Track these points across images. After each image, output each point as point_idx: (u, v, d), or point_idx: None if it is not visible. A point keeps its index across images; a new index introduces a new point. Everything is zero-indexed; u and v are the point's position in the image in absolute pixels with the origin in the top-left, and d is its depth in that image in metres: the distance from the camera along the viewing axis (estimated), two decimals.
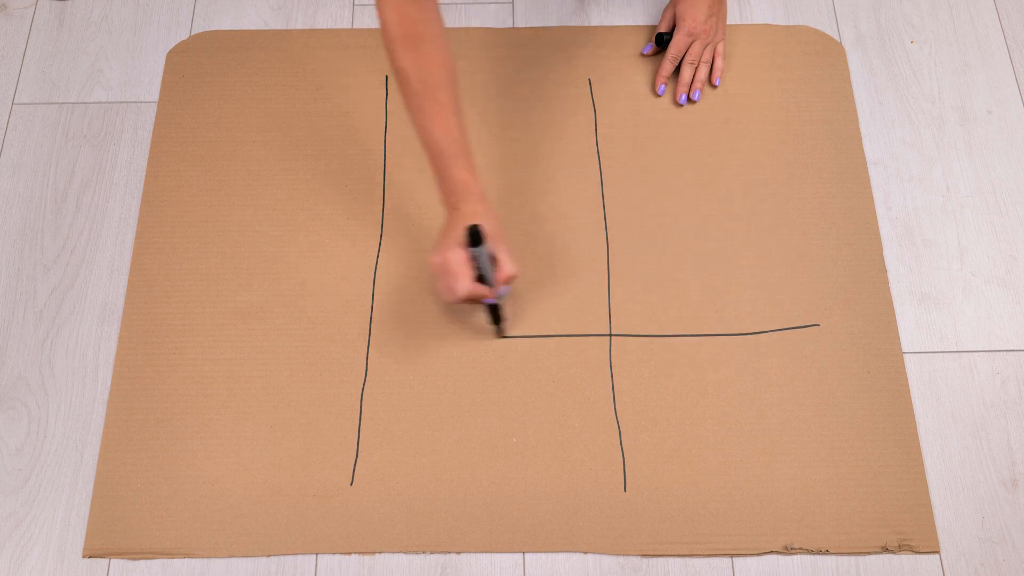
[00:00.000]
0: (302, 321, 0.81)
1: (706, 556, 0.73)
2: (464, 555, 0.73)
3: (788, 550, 0.72)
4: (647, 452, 0.76)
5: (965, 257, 0.84)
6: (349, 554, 0.73)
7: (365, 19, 0.97)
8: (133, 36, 0.96)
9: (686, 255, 0.84)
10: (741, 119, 0.90)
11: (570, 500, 0.74)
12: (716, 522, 0.73)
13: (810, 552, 0.72)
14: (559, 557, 0.73)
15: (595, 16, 0.97)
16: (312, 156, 0.89)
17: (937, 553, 0.73)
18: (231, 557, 0.73)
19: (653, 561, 0.73)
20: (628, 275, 0.83)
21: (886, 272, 0.83)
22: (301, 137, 0.90)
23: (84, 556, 0.73)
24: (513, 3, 0.98)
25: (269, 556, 0.73)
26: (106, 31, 0.97)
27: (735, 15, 0.97)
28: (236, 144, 0.89)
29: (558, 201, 0.86)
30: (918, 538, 0.73)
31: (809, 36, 0.95)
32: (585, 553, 0.73)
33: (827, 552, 0.72)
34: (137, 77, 0.94)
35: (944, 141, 0.90)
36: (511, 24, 0.96)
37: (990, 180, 0.88)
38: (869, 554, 0.73)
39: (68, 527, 0.74)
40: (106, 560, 0.73)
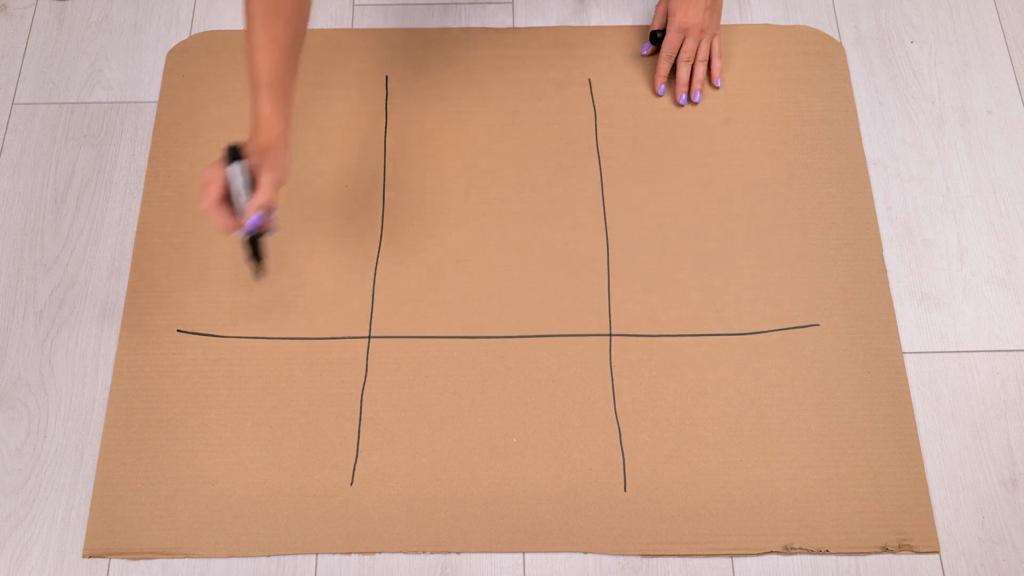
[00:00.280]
0: (302, 321, 0.81)
1: (706, 556, 0.73)
2: (464, 555, 0.73)
3: (788, 550, 0.72)
4: (647, 452, 0.76)
5: (965, 257, 0.84)
6: (349, 554, 0.73)
7: (365, 19, 0.97)
8: (133, 36, 0.96)
9: (686, 255, 0.84)
10: (741, 119, 0.90)
11: (570, 500, 0.74)
12: (716, 522, 0.73)
13: (810, 552, 0.72)
14: (559, 557, 0.73)
15: (595, 16, 0.97)
16: (312, 156, 0.89)
17: (937, 553, 0.73)
18: (231, 557, 0.73)
19: (653, 561, 0.73)
20: (628, 275, 0.83)
21: (886, 272, 0.83)
22: (301, 137, 0.90)
23: (84, 556, 0.73)
24: (513, 3, 0.98)
25: (269, 556, 0.73)
26: (106, 31, 0.97)
27: (735, 15, 0.97)
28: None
29: (558, 201, 0.86)
30: (918, 538, 0.73)
31: (809, 36, 0.95)
32: (585, 553, 0.73)
33: (827, 552, 0.72)
34: (137, 77, 0.94)
35: (944, 141, 0.90)
36: (511, 24, 0.96)
37: (990, 180, 0.88)
38: (869, 554, 0.73)
39: (68, 527, 0.74)
40: (106, 560, 0.73)
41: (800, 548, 0.72)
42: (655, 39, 0.92)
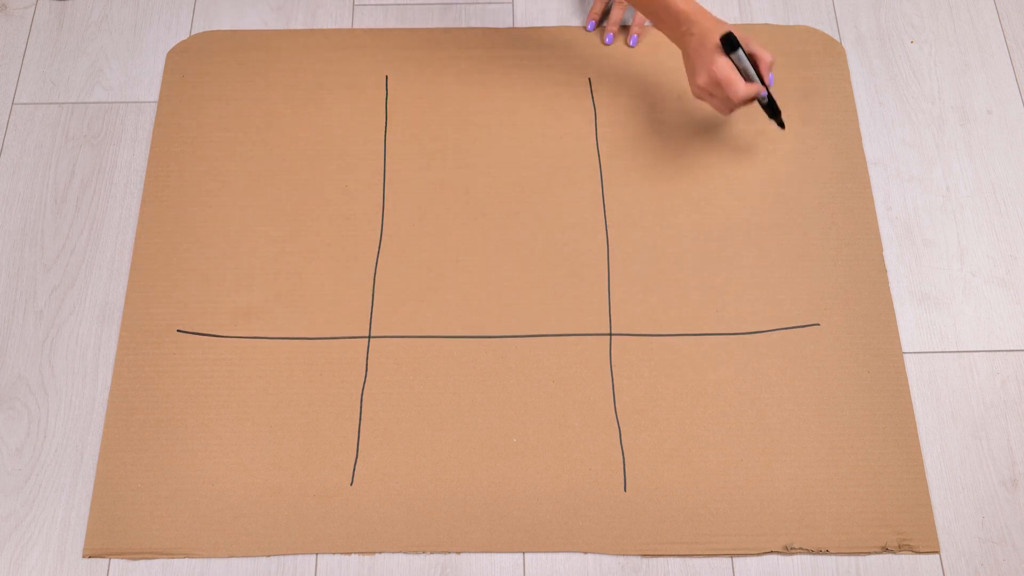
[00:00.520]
0: (302, 321, 0.81)
1: (706, 556, 0.73)
2: (464, 555, 0.73)
3: (788, 550, 0.72)
4: (647, 452, 0.76)
5: (965, 257, 0.84)
6: (349, 554, 0.73)
7: (365, 19, 0.97)
8: (133, 36, 0.96)
9: (686, 255, 0.84)
10: (741, 119, 0.90)
11: (570, 500, 0.74)
12: (716, 522, 0.73)
13: (810, 552, 0.72)
14: (559, 557, 0.73)
15: None
16: (312, 156, 0.89)
17: (937, 553, 0.73)
18: (231, 557, 0.73)
19: (653, 561, 0.73)
20: (628, 275, 0.83)
21: (886, 272, 0.83)
22: (301, 137, 0.90)
23: (84, 556, 0.73)
24: (513, 3, 0.98)
25: (269, 556, 0.73)
26: (106, 31, 0.97)
27: (735, 15, 0.97)
28: (236, 144, 0.89)
29: (558, 201, 0.86)
30: (918, 538, 0.73)
31: (809, 36, 0.95)
32: (585, 553, 0.73)
33: (827, 552, 0.72)
34: (137, 77, 0.94)
35: (944, 141, 0.90)
36: (511, 24, 0.96)
37: (990, 180, 0.88)
38: (869, 554, 0.73)
39: (68, 527, 0.74)
40: (106, 560, 0.73)
41: (800, 548, 0.72)
42: None
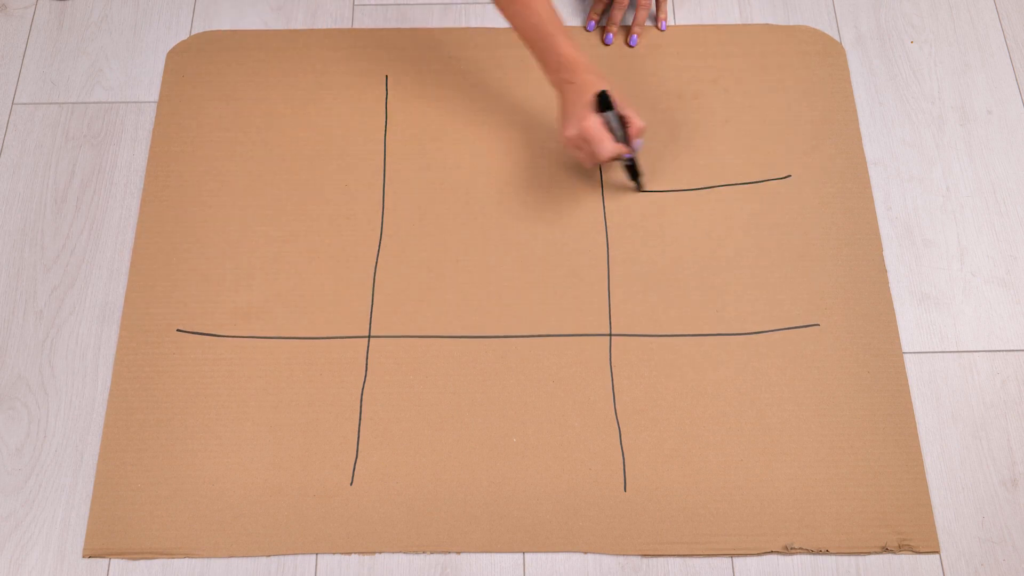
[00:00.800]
0: (302, 321, 0.81)
1: (706, 556, 0.73)
2: (464, 555, 0.73)
3: (788, 550, 0.72)
4: (647, 452, 0.76)
5: (965, 257, 0.84)
6: (349, 554, 0.73)
7: (365, 19, 0.97)
8: (133, 36, 0.96)
9: (686, 255, 0.84)
10: (741, 119, 0.90)
11: (570, 500, 0.74)
12: (716, 522, 0.73)
13: (810, 552, 0.72)
14: (559, 557, 0.73)
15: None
16: (312, 156, 0.89)
17: (937, 553, 0.73)
18: (231, 557, 0.73)
19: (653, 561, 0.73)
20: (628, 275, 0.83)
21: (886, 272, 0.83)
22: (301, 137, 0.90)
23: (84, 556, 0.73)
24: None
25: (269, 556, 0.73)
26: (106, 31, 0.97)
27: (735, 15, 0.97)
28: (236, 144, 0.89)
29: (558, 201, 0.86)
30: (918, 538, 0.73)
31: (809, 36, 0.95)
32: (585, 553, 0.73)
33: (827, 552, 0.72)
34: (137, 77, 0.94)
35: (944, 141, 0.90)
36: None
37: (990, 180, 0.88)
38: (869, 554, 0.73)
39: (68, 527, 0.74)
40: (106, 560, 0.73)
41: (800, 548, 0.72)
42: None
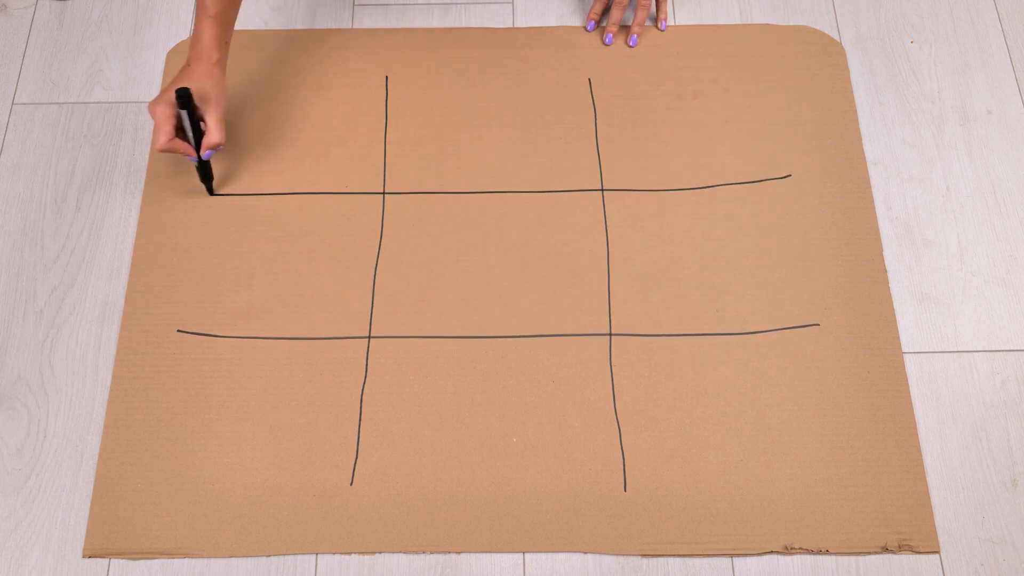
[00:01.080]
0: (302, 321, 0.81)
1: (706, 556, 0.73)
2: (464, 555, 0.73)
3: (788, 550, 0.72)
4: (647, 452, 0.76)
5: (965, 257, 0.84)
6: (349, 554, 0.73)
7: (365, 19, 0.97)
8: (133, 36, 0.96)
9: (686, 255, 0.84)
10: (741, 119, 0.90)
11: (570, 500, 0.74)
12: (716, 522, 0.73)
13: (810, 552, 0.72)
14: (559, 557, 0.73)
15: None
16: (312, 156, 0.89)
17: (937, 553, 0.73)
18: (231, 557, 0.73)
19: (653, 561, 0.73)
20: (628, 275, 0.83)
21: (886, 272, 0.83)
22: (301, 137, 0.90)
23: (84, 556, 0.73)
24: (513, 3, 0.98)
25: (269, 556, 0.73)
26: (106, 31, 0.97)
27: (735, 15, 0.97)
28: (236, 144, 0.89)
29: (558, 201, 0.86)
30: (918, 538, 0.73)
31: (809, 36, 0.95)
32: (585, 553, 0.73)
33: (827, 552, 0.72)
34: (137, 77, 0.94)
35: (944, 141, 0.90)
36: (511, 24, 0.96)
37: (990, 180, 0.88)
38: (869, 554, 0.73)
39: (68, 527, 0.74)
40: (106, 560, 0.73)
41: (800, 548, 0.72)
42: None
